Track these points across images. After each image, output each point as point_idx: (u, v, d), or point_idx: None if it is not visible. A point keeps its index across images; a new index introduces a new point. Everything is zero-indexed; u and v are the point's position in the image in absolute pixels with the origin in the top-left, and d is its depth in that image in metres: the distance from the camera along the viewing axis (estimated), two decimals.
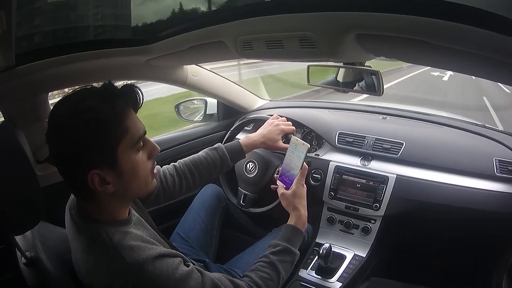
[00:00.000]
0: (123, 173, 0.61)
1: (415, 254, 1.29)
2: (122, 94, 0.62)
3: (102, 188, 0.60)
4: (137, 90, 0.64)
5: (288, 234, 0.86)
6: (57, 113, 0.60)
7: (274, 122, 1.11)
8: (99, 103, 0.59)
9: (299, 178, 0.92)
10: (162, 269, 0.61)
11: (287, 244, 0.83)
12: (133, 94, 0.64)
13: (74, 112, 0.58)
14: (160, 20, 0.93)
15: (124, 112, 0.61)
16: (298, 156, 0.93)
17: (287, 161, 0.97)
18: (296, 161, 0.94)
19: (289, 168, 0.95)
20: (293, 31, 0.68)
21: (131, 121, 0.62)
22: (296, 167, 0.93)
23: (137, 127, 0.63)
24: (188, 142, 1.44)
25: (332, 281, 1.05)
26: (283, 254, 0.82)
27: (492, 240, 1.15)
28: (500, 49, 0.48)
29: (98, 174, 0.59)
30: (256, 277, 0.76)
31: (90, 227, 0.63)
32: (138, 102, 0.65)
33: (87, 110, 0.58)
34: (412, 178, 1.11)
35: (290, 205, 0.90)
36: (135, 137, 0.62)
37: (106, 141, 0.59)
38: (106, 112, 0.59)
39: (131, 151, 0.62)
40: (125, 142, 0.61)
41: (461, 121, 1.32)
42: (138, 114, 0.66)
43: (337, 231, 1.20)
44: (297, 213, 0.89)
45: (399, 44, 0.58)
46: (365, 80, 0.86)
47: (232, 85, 1.48)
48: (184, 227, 1.16)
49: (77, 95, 0.61)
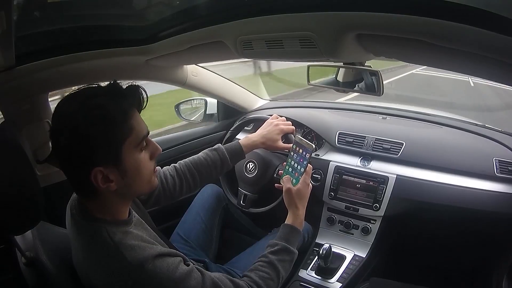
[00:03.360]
0: (127, 172, 0.62)
1: (415, 254, 1.29)
2: (128, 94, 0.63)
3: (105, 186, 0.60)
4: (141, 91, 0.65)
5: (286, 234, 0.86)
6: (64, 110, 0.60)
7: (274, 122, 1.11)
8: (107, 101, 0.59)
9: (305, 177, 0.92)
10: (162, 268, 0.61)
11: (286, 244, 0.84)
12: (138, 94, 0.65)
13: (82, 109, 0.58)
14: (160, 20, 0.93)
15: (130, 112, 0.62)
16: (302, 156, 0.93)
17: (291, 160, 0.96)
18: (300, 161, 0.94)
19: (293, 168, 0.95)
20: (293, 31, 0.68)
21: (136, 121, 0.63)
22: (301, 167, 0.93)
23: (141, 127, 0.64)
24: (188, 142, 1.44)
25: (332, 281, 1.05)
26: (282, 253, 0.82)
27: (492, 240, 1.14)
28: (500, 49, 0.47)
29: (102, 171, 0.59)
30: (256, 277, 0.76)
31: (91, 226, 0.63)
32: (142, 102, 0.66)
33: (95, 107, 0.58)
34: (412, 178, 1.11)
35: (292, 203, 0.90)
36: (140, 136, 0.63)
37: (112, 139, 0.59)
38: (114, 110, 0.59)
39: (135, 151, 0.63)
40: (130, 141, 0.61)
41: (461, 121, 1.32)
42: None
43: (337, 231, 1.20)
44: (296, 212, 0.89)
45: (399, 44, 0.58)
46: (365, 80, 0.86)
47: (232, 85, 1.48)
48: (184, 227, 1.16)
49: (84, 92, 0.61)
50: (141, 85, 0.65)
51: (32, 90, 0.97)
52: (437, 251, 1.26)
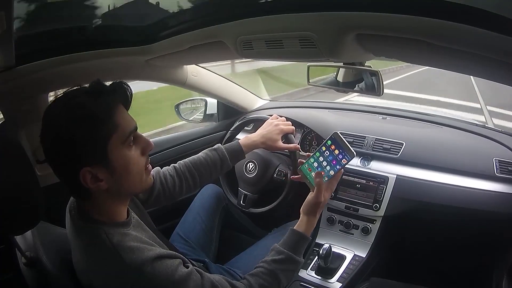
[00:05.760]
0: (115, 169, 0.62)
1: (415, 254, 1.29)
2: (110, 90, 0.62)
3: (95, 186, 0.60)
4: (126, 86, 0.65)
5: (294, 242, 0.81)
6: (49, 113, 0.60)
7: (274, 122, 1.11)
8: (88, 100, 0.59)
9: (332, 182, 0.84)
10: (161, 270, 0.61)
11: (292, 253, 0.79)
12: (122, 90, 0.65)
13: (63, 110, 0.59)
14: (160, 20, 0.93)
15: (113, 108, 0.61)
16: (337, 158, 0.83)
17: (320, 156, 0.86)
18: (333, 163, 0.83)
19: (320, 165, 0.86)
20: (293, 31, 0.68)
21: (121, 117, 0.62)
22: (331, 169, 0.83)
23: (127, 123, 0.63)
24: (188, 142, 1.44)
25: (332, 281, 1.05)
26: (287, 263, 0.78)
27: (492, 240, 1.14)
28: (500, 49, 0.48)
29: (90, 171, 0.59)
30: (256, 284, 0.74)
31: (90, 227, 0.63)
32: (128, 98, 0.66)
33: (76, 107, 0.58)
34: (412, 179, 1.11)
35: (312, 208, 0.82)
36: (126, 132, 0.62)
37: (96, 137, 0.59)
38: (95, 108, 0.59)
39: (122, 147, 0.62)
40: (116, 138, 0.61)
41: (461, 121, 1.32)
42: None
43: (337, 231, 1.20)
44: (312, 220, 0.83)
45: (399, 44, 0.58)
46: (365, 80, 0.86)
47: (232, 85, 1.49)
48: (184, 227, 1.16)
49: (67, 94, 0.62)
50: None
51: (32, 90, 0.97)
52: (437, 251, 1.26)
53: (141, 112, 3.40)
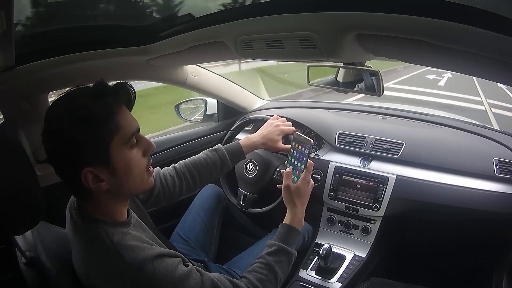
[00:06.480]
0: (117, 170, 0.61)
1: (415, 254, 1.29)
2: (113, 91, 0.62)
3: (96, 186, 0.60)
4: (128, 87, 0.65)
5: (283, 234, 0.85)
6: (51, 113, 0.60)
7: (274, 122, 1.11)
8: (91, 101, 0.59)
9: (305, 174, 0.89)
10: (161, 269, 0.61)
11: (282, 244, 0.82)
12: (125, 91, 0.64)
13: (66, 111, 0.58)
14: (160, 20, 0.93)
15: (115, 109, 0.61)
16: (302, 152, 0.92)
17: (291, 158, 0.95)
18: (300, 158, 0.92)
19: (293, 165, 0.93)
20: (293, 31, 0.68)
21: (123, 118, 0.62)
22: (301, 164, 0.91)
23: (130, 124, 0.63)
24: (188, 143, 1.44)
25: (332, 281, 1.05)
26: (279, 254, 0.81)
27: (492, 240, 1.15)
28: (500, 49, 0.48)
29: (92, 172, 0.59)
30: (254, 279, 0.76)
31: (90, 227, 0.63)
32: (131, 99, 0.65)
33: (79, 108, 0.58)
34: (412, 179, 1.11)
35: (290, 200, 0.89)
36: (128, 133, 0.62)
37: (98, 138, 0.59)
38: (98, 109, 0.59)
39: (124, 148, 0.62)
40: (118, 139, 0.61)
41: (461, 121, 1.32)
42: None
43: (337, 231, 1.20)
44: (294, 210, 0.88)
45: (399, 44, 0.58)
46: (365, 80, 0.86)
47: (232, 85, 1.48)
48: (184, 227, 1.16)
49: (70, 94, 0.61)
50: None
51: (32, 90, 0.97)
52: (437, 251, 1.26)
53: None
